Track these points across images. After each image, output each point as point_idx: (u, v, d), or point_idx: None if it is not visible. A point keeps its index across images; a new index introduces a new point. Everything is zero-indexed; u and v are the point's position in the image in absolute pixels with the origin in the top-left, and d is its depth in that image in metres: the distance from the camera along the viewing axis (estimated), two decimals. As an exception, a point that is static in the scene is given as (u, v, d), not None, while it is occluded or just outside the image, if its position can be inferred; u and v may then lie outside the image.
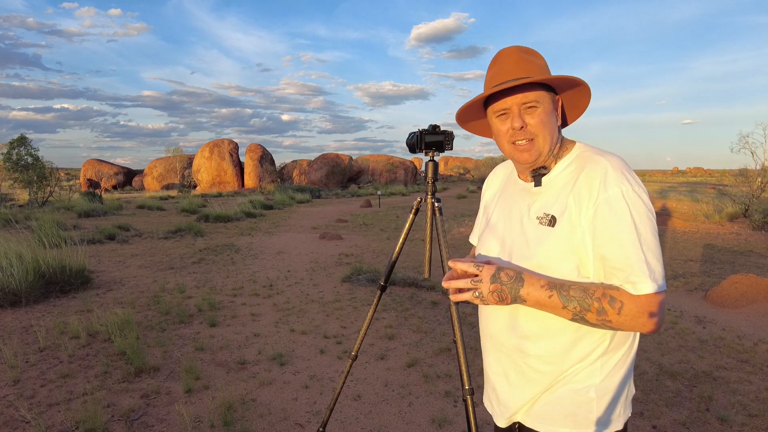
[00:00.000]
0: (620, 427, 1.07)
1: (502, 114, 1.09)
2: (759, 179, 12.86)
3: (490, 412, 1.24)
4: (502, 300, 1.02)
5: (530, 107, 1.06)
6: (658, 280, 0.94)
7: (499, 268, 1.03)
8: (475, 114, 1.19)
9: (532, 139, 1.06)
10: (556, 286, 0.99)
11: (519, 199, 1.16)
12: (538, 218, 1.08)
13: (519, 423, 1.15)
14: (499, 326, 1.15)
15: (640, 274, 0.93)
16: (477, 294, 1.02)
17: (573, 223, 1.01)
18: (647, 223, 0.96)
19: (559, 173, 1.09)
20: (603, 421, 1.05)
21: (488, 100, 1.11)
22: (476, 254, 1.26)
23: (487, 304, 1.05)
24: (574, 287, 0.98)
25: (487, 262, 1.06)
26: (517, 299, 1.01)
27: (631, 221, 0.95)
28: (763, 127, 15.35)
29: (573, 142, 1.13)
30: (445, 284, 1.07)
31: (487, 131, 1.23)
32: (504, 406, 1.17)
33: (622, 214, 0.96)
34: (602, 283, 0.98)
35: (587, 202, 1.00)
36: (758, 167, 13.38)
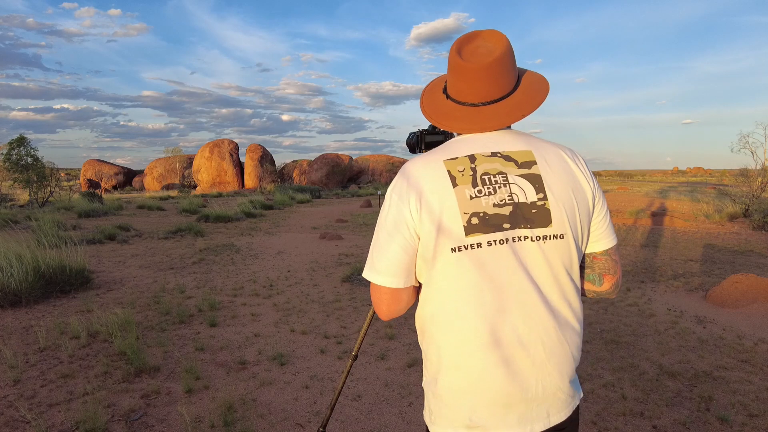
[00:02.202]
0: (432, 428, 1.08)
1: None
2: (759, 179, 12.87)
3: None
4: None
5: None
6: (368, 267, 1.05)
7: None
8: None
9: None
10: None
11: None
12: None
13: None
14: None
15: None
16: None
17: None
18: (380, 218, 1.06)
19: None
20: (426, 414, 1.11)
21: None
22: None
23: None
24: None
25: None
26: None
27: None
28: (763, 127, 15.36)
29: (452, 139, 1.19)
30: None
31: None
32: None
33: None
34: None
35: None
36: (758, 167, 13.39)
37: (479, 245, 0.98)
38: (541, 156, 1.04)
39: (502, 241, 0.99)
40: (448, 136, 1.71)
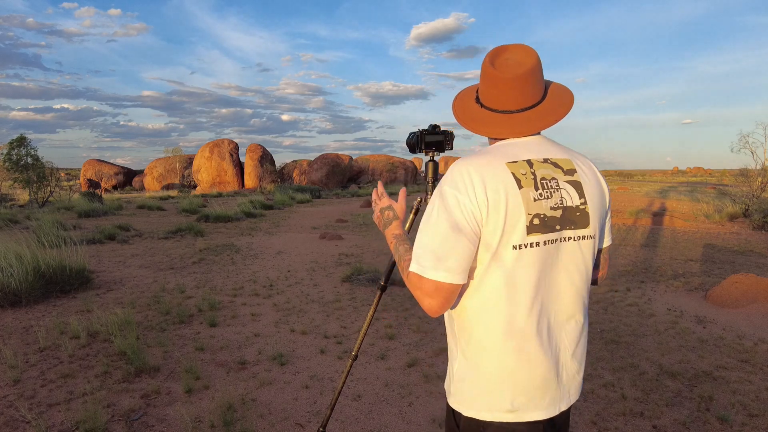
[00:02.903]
0: (469, 413, 1.15)
1: None
2: (759, 179, 12.87)
3: None
4: (379, 225, 1.35)
5: None
6: (420, 263, 1.08)
7: (390, 207, 1.34)
8: None
9: None
10: (400, 239, 1.26)
11: None
12: None
13: None
14: None
15: (413, 255, 1.10)
16: (374, 208, 1.40)
17: None
18: (435, 216, 1.09)
19: None
20: (455, 395, 1.19)
21: None
22: None
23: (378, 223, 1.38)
24: (405, 246, 1.22)
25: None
26: (383, 232, 1.32)
27: (427, 212, 1.12)
28: (763, 127, 15.35)
29: (492, 144, 1.22)
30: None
31: None
32: None
33: (429, 206, 1.13)
34: None
35: None
36: (758, 167, 13.39)
37: (537, 244, 1.08)
38: (578, 165, 1.18)
39: (553, 241, 1.10)
40: (447, 136, 1.71)
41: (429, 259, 1.06)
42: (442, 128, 1.71)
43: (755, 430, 2.63)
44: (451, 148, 1.73)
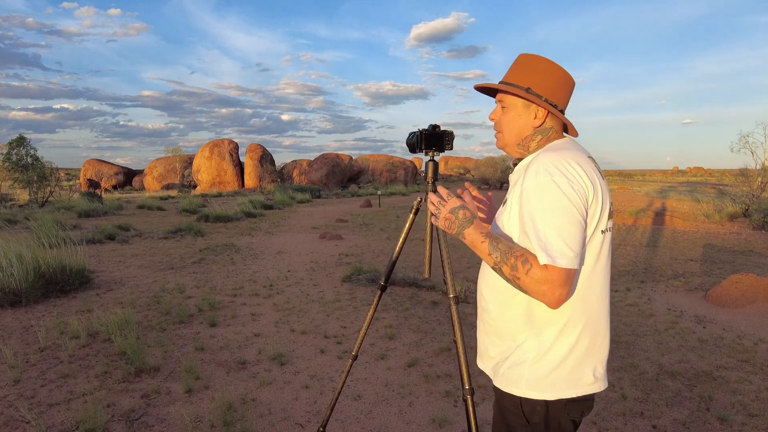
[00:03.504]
0: (548, 396, 1.20)
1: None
2: (759, 179, 12.86)
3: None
4: (449, 229, 1.28)
5: (504, 107, 1.31)
6: (552, 254, 1.08)
7: (463, 206, 1.27)
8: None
9: (500, 132, 1.34)
10: (492, 236, 1.20)
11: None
12: (504, 201, 1.32)
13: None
14: (479, 287, 1.38)
15: (539, 249, 1.10)
16: (435, 213, 1.30)
17: (512, 205, 1.23)
18: (555, 206, 1.11)
19: (519, 166, 1.31)
20: (527, 386, 1.22)
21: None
22: None
23: (437, 227, 1.32)
24: (504, 242, 1.18)
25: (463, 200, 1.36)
26: (459, 235, 1.25)
27: (540, 204, 1.13)
28: (763, 127, 15.35)
29: (557, 140, 1.31)
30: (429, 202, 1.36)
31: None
32: (481, 360, 1.38)
33: (534, 198, 1.14)
34: (526, 248, 1.17)
35: (518, 188, 1.21)
36: (758, 167, 13.38)
37: (610, 229, 1.24)
38: (598, 164, 1.30)
39: (612, 228, 1.26)
40: (448, 136, 1.71)
41: (561, 248, 1.08)
42: (442, 128, 1.71)
43: (755, 430, 2.63)
44: (451, 148, 1.73)
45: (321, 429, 2.14)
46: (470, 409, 1.56)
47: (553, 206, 1.11)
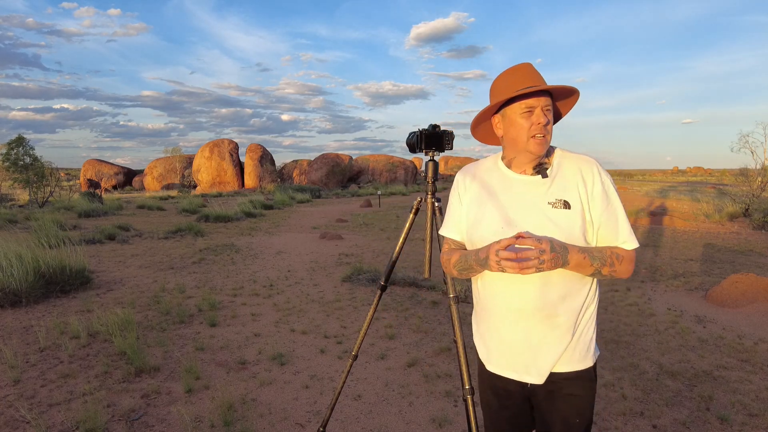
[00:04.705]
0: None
1: (527, 111, 1.30)
2: (759, 179, 12.86)
3: (510, 377, 1.39)
4: (556, 265, 1.24)
5: (548, 110, 1.32)
6: (634, 239, 1.34)
7: (551, 240, 1.24)
8: (482, 117, 1.42)
9: (545, 135, 1.32)
10: (584, 250, 1.28)
11: (527, 190, 1.36)
12: (550, 203, 1.32)
13: (552, 373, 1.36)
14: (527, 298, 1.33)
15: (629, 236, 1.32)
16: (541, 261, 1.20)
17: (582, 205, 1.31)
18: (618, 200, 1.35)
19: (558, 168, 1.36)
20: (593, 356, 1.40)
21: (508, 101, 1.34)
22: (479, 241, 1.38)
23: (542, 270, 1.23)
24: (592, 250, 1.29)
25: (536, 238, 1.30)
26: (565, 263, 1.25)
27: (619, 201, 1.34)
28: (763, 127, 15.35)
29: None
30: (507, 255, 1.21)
31: (487, 137, 1.49)
32: (537, 365, 1.35)
33: (613, 196, 1.34)
34: (607, 246, 1.32)
35: (590, 189, 1.32)
36: (758, 167, 13.37)
37: None
38: None
39: None
40: (448, 136, 1.71)
41: (632, 231, 1.34)
42: (442, 128, 1.71)
43: (755, 430, 2.63)
44: (451, 148, 1.73)
45: (321, 429, 2.14)
46: (470, 409, 1.56)
47: (618, 198, 1.35)
